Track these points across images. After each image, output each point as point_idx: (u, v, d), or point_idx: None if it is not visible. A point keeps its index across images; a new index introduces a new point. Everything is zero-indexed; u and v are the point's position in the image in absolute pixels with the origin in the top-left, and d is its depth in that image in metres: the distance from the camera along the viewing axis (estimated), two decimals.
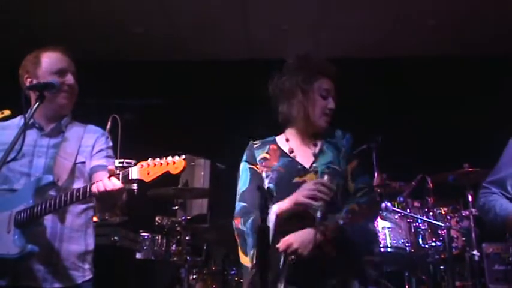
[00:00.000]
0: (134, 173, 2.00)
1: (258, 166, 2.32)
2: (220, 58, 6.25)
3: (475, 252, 3.98)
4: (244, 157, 2.39)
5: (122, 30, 5.83)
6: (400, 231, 3.94)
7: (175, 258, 4.49)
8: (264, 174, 2.28)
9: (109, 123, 4.02)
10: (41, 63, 2.42)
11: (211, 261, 4.67)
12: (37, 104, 2.25)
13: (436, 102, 5.78)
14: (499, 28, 5.58)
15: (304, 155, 2.31)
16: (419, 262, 4.15)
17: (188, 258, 4.30)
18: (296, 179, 2.22)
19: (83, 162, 2.39)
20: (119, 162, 2.13)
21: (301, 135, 2.36)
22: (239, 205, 2.30)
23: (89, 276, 2.35)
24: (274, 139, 2.40)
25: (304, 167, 2.26)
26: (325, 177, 2.13)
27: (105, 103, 5.43)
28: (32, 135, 2.39)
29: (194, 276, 4.30)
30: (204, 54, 6.20)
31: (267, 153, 2.34)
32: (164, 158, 1.99)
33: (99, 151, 2.44)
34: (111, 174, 2.08)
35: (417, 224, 4.08)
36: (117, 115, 4.10)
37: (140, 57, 6.23)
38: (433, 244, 4.05)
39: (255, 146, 2.39)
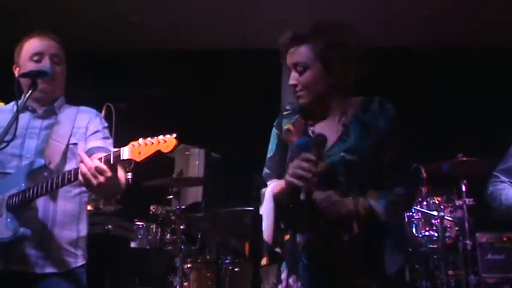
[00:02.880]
0: (125, 153, 1.98)
1: (283, 137, 2.09)
2: (216, 48, 6.23)
3: (468, 241, 4.01)
4: (275, 123, 2.15)
5: (117, 18, 5.80)
6: None
7: (169, 247, 4.49)
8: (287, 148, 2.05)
9: (103, 112, 4.01)
10: (21, 51, 2.43)
11: (205, 250, 4.68)
12: (30, 91, 2.23)
13: (430, 92, 5.78)
14: (494, 19, 5.57)
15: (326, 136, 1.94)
16: (412, 251, 4.17)
17: (183, 247, 4.30)
18: None
19: (75, 144, 2.38)
20: (114, 152, 2.11)
21: (321, 114, 2.05)
22: (264, 171, 2.12)
23: (81, 262, 2.34)
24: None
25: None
26: (310, 156, 1.84)
27: (99, 92, 5.41)
28: (24, 118, 2.38)
29: (189, 265, 4.30)
30: (199, 44, 6.18)
31: (292, 124, 2.08)
32: (155, 137, 1.98)
33: (95, 132, 2.42)
34: (105, 157, 2.06)
35: (411, 213, 4.10)
36: (111, 104, 4.09)
37: (135, 46, 6.20)
38: (427, 233, 4.07)
39: (284, 113, 2.13)
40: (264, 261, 2.75)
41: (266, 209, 2.03)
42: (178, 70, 6.09)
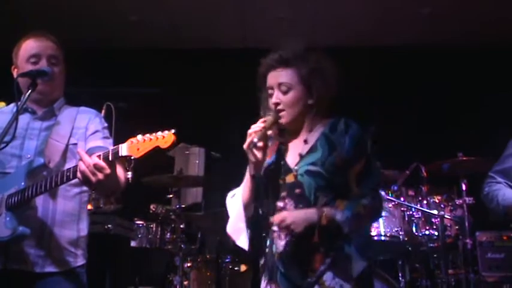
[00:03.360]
0: (124, 149, 1.98)
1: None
2: (216, 46, 6.22)
3: (468, 240, 4.00)
4: None
5: (117, 17, 5.79)
6: (393, 219, 3.96)
7: (169, 246, 4.50)
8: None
9: (103, 111, 4.01)
10: (19, 53, 2.43)
11: (205, 249, 4.69)
12: (29, 91, 2.24)
13: (430, 91, 5.78)
14: (495, 18, 5.57)
15: (292, 153, 2.20)
16: (412, 250, 4.17)
17: (182, 246, 4.31)
18: (278, 180, 2.16)
19: (75, 144, 2.38)
20: (113, 149, 2.11)
21: (294, 130, 2.24)
22: (231, 193, 2.34)
23: (81, 261, 2.34)
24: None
25: (288, 167, 2.17)
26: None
27: (99, 91, 5.40)
28: (24, 119, 2.39)
29: (188, 264, 4.31)
30: (199, 43, 6.18)
31: (268, 146, 2.23)
32: (154, 133, 1.98)
33: (95, 132, 2.43)
34: (104, 155, 2.06)
35: (411, 212, 4.10)
36: (111, 103, 4.09)
37: (135, 45, 6.20)
38: (427, 232, 4.07)
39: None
40: (243, 268, 2.86)
41: (232, 204, 2.23)
42: (178, 69, 6.08)
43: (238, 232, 2.18)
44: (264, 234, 2.19)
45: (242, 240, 2.17)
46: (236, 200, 2.22)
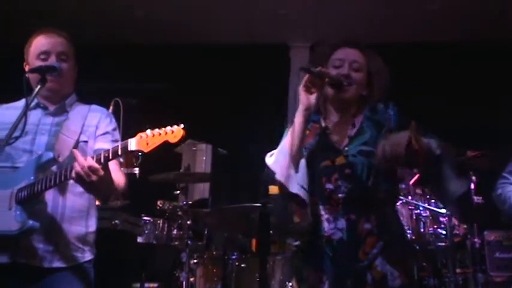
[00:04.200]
0: (133, 144, 1.99)
1: None
2: (222, 42, 6.21)
3: (476, 239, 3.99)
4: (289, 125, 2.27)
5: (123, 13, 5.79)
6: (401, 218, 3.94)
7: (176, 243, 4.50)
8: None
9: (111, 107, 4.02)
10: (29, 49, 2.45)
11: (212, 246, 4.69)
12: (39, 86, 2.26)
13: (438, 88, 5.75)
14: (501, 14, 5.52)
15: (340, 135, 2.21)
16: (420, 249, 4.15)
17: (189, 242, 4.31)
18: (326, 162, 2.15)
19: (86, 141, 2.39)
20: (122, 143, 2.10)
21: (336, 113, 2.25)
22: (270, 153, 2.22)
23: (89, 257, 2.35)
24: (318, 117, 2.30)
25: (337, 149, 2.17)
26: None
27: (107, 87, 5.41)
28: (36, 114, 2.40)
29: (195, 261, 4.31)
30: (205, 39, 6.17)
31: (308, 129, 2.23)
32: (163, 128, 1.98)
33: (104, 134, 2.44)
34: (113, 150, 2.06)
35: (419, 211, 4.08)
36: (119, 99, 4.10)
37: (142, 41, 6.20)
38: (434, 231, 4.05)
39: None
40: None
41: (280, 149, 2.14)
42: (185, 65, 6.08)
43: (289, 179, 2.09)
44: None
45: (295, 186, 2.08)
46: (279, 151, 2.14)
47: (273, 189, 2.13)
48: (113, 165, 2.13)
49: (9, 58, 2.68)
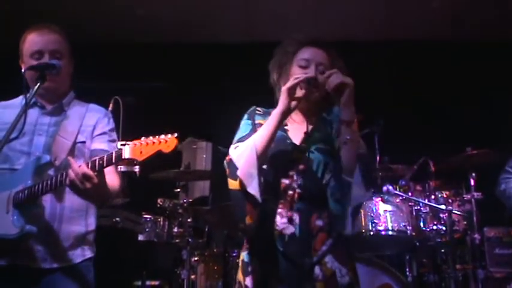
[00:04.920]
0: (127, 152, 1.98)
1: (257, 129, 2.24)
2: (222, 41, 6.21)
3: (476, 235, 3.99)
4: (246, 116, 2.34)
5: (124, 12, 5.79)
6: (401, 214, 3.94)
7: (177, 240, 4.51)
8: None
9: (111, 106, 4.02)
10: (23, 48, 2.41)
11: (212, 243, 4.70)
12: (38, 84, 2.23)
13: (438, 85, 5.75)
14: (502, 12, 5.52)
15: (297, 132, 2.23)
16: (420, 245, 4.16)
17: (190, 240, 4.32)
18: (284, 158, 2.16)
19: (83, 142, 2.38)
20: (121, 144, 2.11)
21: (297, 112, 2.25)
22: (234, 145, 2.22)
23: (89, 255, 2.35)
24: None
25: (294, 144, 2.20)
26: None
27: (106, 86, 5.41)
28: (33, 114, 2.37)
29: (196, 258, 4.32)
30: (205, 37, 6.16)
31: (264, 121, 2.23)
32: (157, 136, 1.98)
33: (102, 134, 2.42)
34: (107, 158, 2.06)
35: (419, 207, 4.09)
36: (118, 97, 4.10)
37: (142, 40, 6.19)
38: (434, 227, 4.06)
39: (257, 112, 2.34)
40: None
41: (247, 145, 2.13)
42: (185, 64, 6.08)
43: (250, 178, 2.06)
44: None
45: (254, 186, 2.05)
46: (246, 147, 2.12)
47: (233, 185, 2.12)
48: (108, 168, 2.13)
49: (9, 58, 2.67)
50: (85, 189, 2.04)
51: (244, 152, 2.11)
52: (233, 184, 2.13)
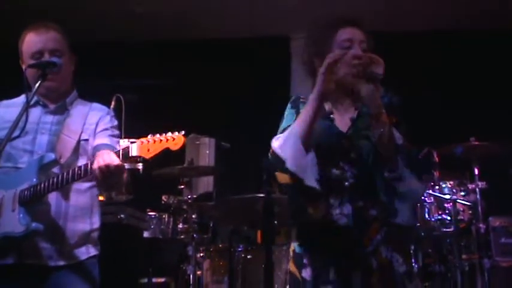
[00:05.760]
0: (134, 149, 2.00)
1: None
2: (224, 37, 6.20)
3: (481, 225, 3.98)
4: (290, 106, 2.21)
5: (124, 9, 5.78)
6: None
7: (182, 236, 4.51)
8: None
9: (113, 103, 4.03)
10: (23, 48, 2.41)
11: (218, 239, 4.70)
12: (39, 82, 2.23)
13: (441, 76, 5.73)
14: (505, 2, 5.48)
15: (342, 119, 2.14)
16: (425, 236, 4.15)
17: (195, 236, 4.32)
18: (332, 146, 2.07)
19: (87, 140, 2.39)
20: (130, 142, 2.12)
21: (336, 95, 2.14)
22: (276, 137, 2.11)
23: (94, 253, 2.37)
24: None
25: (341, 132, 2.11)
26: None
27: (108, 83, 5.42)
28: (36, 112, 2.38)
29: (201, 254, 4.32)
30: (207, 33, 6.16)
31: None
32: (164, 134, 1.99)
33: (103, 130, 2.43)
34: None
35: (423, 197, 4.08)
36: (120, 95, 4.10)
37: (143, 37, 6.19)
38: (439, 217, 4.05)
39: (302, 100, 2.20)
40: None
41: (289, 135, 2.03)
42: (186, 60, 6.08)
43: (304, 170, 1.98)
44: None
45: (310, 178, 1.98)
46: (288, 136, 2.01)
47: (283, 178, 2.05)
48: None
49: (9, 57, 2.67)
50: (114, 181, 2.09)
51: (287, 142, 2.00)
52: (283, 178, 2.06)
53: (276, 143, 2.05)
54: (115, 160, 2.04)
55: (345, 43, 2.11)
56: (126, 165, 2.47)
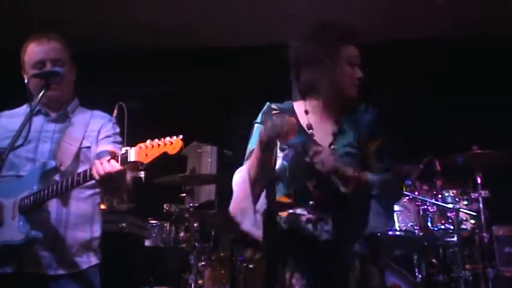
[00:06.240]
0: (132, 155, 2.00)
1: None
2: (225, 45, 6.21)
3: (484, 234, 3.95)
4: (259, 120, 2.22)
5: (126, 18, 5.80)
6: (408, 214, 3.92)
7: (183, 245, 4.50)
8: (278, 147, 2.08)
9: (115, 111, 4.03)
10: (24, 59, 2.42)
11: (219, 247, 4.68)
12: (43, 92, 2.24)
13: (442, 84, 5.72)
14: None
15: (323, 133, 2.12)
16: (428, 245, 4.13)
17: (197, 244, 4.31)
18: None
19: (89, 147, 2.39)
20: (125, 150, 2.11)
21: (323, 108, 2.15)
22: (245, 163, 2.12)
23: (94, 261, 2.36)
24: (292, 108, 2.21)
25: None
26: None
27: (110, 91, 5.42)
28: (38, 121, 2.39)
29: (203, 263, 4.31)
30: (209, 41, 6.17)
31: None
32: (162, 139, 1.98)
33: (106, 137, 2.44)
34: (112, 156, 2.07)
35: (426, 206, 4.05)
36: (123, 103, 4.10)
37: (145, 45, 6.21)
38: (442, 227, 4.02)
39: (274, 112, 2.19)
40: (248, 253, 2.61)
41: (239, 180, 2.05)
42: (189, 68, 6.08)
43: (243, 213, 1.99)
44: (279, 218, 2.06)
45: (247, 223, 1.97)
46: (241, 176, 2.04)
47: None
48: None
49: (9, 67, 2.67)
50: (116, 187, 2.10)
51: (238, 183, 2.04)
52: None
53: (234, 178, 2.09)
54: (115, 166, 2.03)
55: (352, 59, 2.15)
56: (128, 173, 2.47)
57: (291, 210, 2.06)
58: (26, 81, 2.39)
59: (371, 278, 2.04)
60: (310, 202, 2.03)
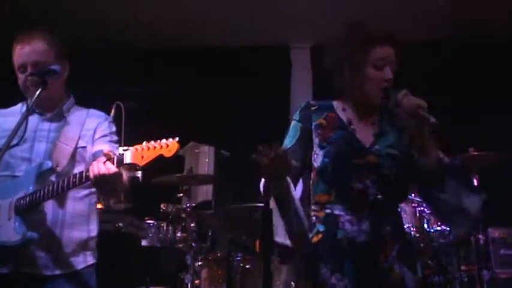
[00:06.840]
0: (128, 157, 2.00)
1: (311, 130, 2.13)
2: (224, 45, 6.21)
3: (480, 236, 3.97)
4: (297, 117, 2.18)
5: (125, 17, 5.80)
6: (404, 215, 3.92)
7: (180, 245, 4.49)
8: (316, 142, 2.10)
9: (113, 111, 4.03)
10: (13, 59, 2.38)
11: (216, 248, 4.68)
12: (40, 90, 2.22)
13: (439, 86, 5.72)
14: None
15: (363, 132, 2.11)
16: (424, 247, 4.14)
17: (193, 244, 4.30)
18: (357, 160, 2.04)
19: (84, 147, 2.38)
20: (123, 150, 2.12)
21: (357, 109, 2.15)
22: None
23: (91, 261, 2.35)
24: (332, 105, 2.18)
25: (365, 147, 2.08)
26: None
27: (108, 90, 5.42)
28: (33, 120, 2.37)
29: (200, 263, 4.30)
30: (208, 41, 6.17)
31: (324, 119, 2.13)
32: (158, 141, 1.98)
33: (102, 136, 2.43)
34: (107, 158, 2.06)
35: (422, 208, 4.07)
36: (120, 103, 4.10)
37: (144, 45, 6.20)
38: (438, 228, 4.04)
39: (313, 108, 2.17)
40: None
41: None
42: (188, 68, 6.08)
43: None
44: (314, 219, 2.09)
45: (280, 233, 2.06)
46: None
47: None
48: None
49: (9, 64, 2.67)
50: (112, 188, 2.11)
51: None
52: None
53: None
54: (110, 168, 2.03)
55: (378, 62, 2.10)
56: (124, 174, 2.47)
57: (328, 211, 2.06)
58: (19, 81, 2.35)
59: (407, 281, 2.03)
60: (349, 200, 2.04)
